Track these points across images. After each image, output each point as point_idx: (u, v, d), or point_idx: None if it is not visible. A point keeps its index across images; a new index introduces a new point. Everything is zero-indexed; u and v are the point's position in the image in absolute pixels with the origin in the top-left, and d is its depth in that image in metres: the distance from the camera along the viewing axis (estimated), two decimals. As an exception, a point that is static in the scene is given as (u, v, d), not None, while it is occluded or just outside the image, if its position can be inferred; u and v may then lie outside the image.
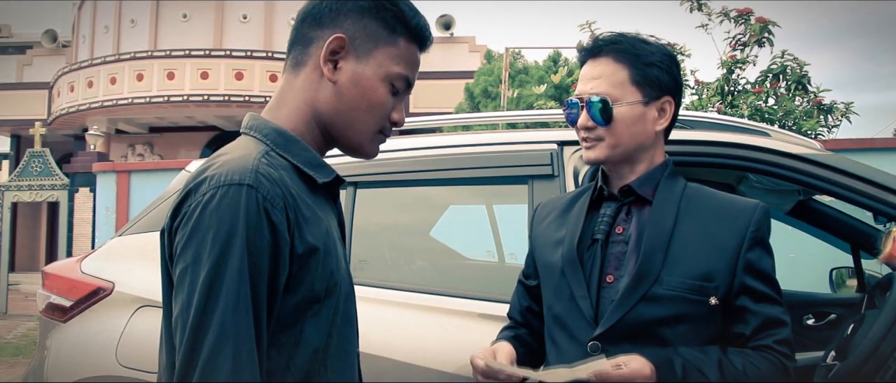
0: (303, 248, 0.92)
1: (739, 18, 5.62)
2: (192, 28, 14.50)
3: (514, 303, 1.52)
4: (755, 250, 1.26)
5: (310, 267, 0.93)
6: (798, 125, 5.30)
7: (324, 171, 1.03)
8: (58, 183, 10.11)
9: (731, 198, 1.34)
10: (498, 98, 10.30)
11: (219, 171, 0.90)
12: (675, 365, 1.18)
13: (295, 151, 1.00)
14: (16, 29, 20.41)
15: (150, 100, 13.81)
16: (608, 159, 1.34)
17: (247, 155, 0.93)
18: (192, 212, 0.89)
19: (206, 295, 0.85)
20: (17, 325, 8.93)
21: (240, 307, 0.85)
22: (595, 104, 1.31)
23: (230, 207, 0.86)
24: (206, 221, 0.87)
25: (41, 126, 11.39)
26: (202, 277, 0.85)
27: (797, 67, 5.50)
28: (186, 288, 0.87)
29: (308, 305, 0.94)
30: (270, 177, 0.91)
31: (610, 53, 1.33)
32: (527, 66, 11.03)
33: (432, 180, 2.08)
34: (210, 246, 0.86)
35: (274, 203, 0.89)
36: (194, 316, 0.85)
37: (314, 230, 0.95)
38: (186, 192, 0.91)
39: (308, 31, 1.03)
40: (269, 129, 1.01)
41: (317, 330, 0.95)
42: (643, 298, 1.23)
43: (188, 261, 0.87)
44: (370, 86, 1.02)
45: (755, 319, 1.25)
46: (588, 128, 1.33)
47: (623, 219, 1.33)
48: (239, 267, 0.85)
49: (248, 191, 0.88)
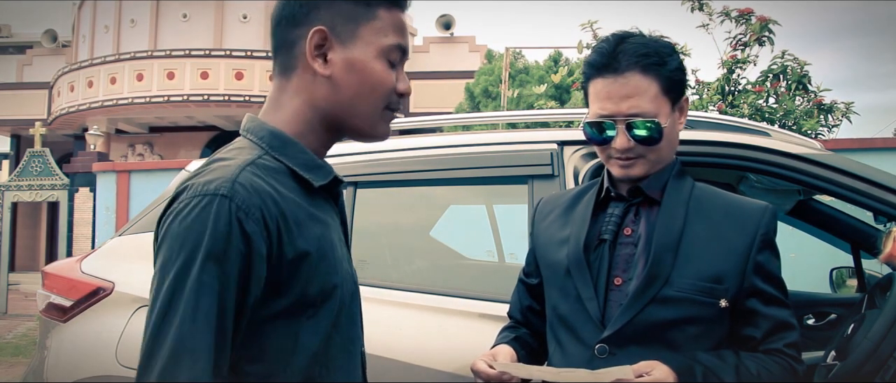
0: (293, 253, 0.92)
1: (740, 18, 5.62)
2: (192, 28, 14.50)
3: (514, 302, 1.50)
4: (764, 252, 1.26)
5: (301, 271, 0.93)
6: (798, 125, 5.30)
7: (320, 173, 1.01)
8: (58, 183, 10.10)
9: (739, 200, 1.33)
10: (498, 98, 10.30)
11: (200, 180, 0.91)
12: (697, 372, 1.17)
13: (291, 154, 0.99)
14: (16, 29, 20.42)
15: (150, 100, 13.81)
16: (648, 173, 1.30)
17: (233, 162, 0.93)
18: (167, 220, 0.90)
19: (167, 304, 0.86)
20: (17, 325, 8.93)
21: (198, 318, 0.85)
22: (640, 127, 1.25)
23: (199, 218, 0.87)
24: (176, 231, 0.88)
25: (41, 126, 11.38)
26: (166, 286, 0.86)
27: (797, 67, 5.50)
28: (152, 294, 0.88)
29: (302, 309, 0.94)
30: (251, 185, 0.90)
31: (637, 68, 1.25)
32: (527, 66, 11.03)
33: (432, 180, 2.08)
34: (177, 255, 0.87)
35: (248, 212, 0.88)
36: (154, 325, 0.86)
37: (306, 234, 0.94)
38: (170, 200, 0.92)
39: (286, 34, 1.01)
40: (265, 132, 1.00)
41: (314, 334, 0.95)
42: (653, 300, 1.22)
43: (157, 268, 0.89)
44: (366, 67, 1.00)
45: (766, 322, 1.25)
46: (628, 149, 1.27)
47: (631, 220, 1.31)
48: (199, 278, 0.85)
49: (220, 201, 0.87)
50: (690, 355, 1.20)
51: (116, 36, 14.91)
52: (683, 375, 1.16)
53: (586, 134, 1.33)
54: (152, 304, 0.87)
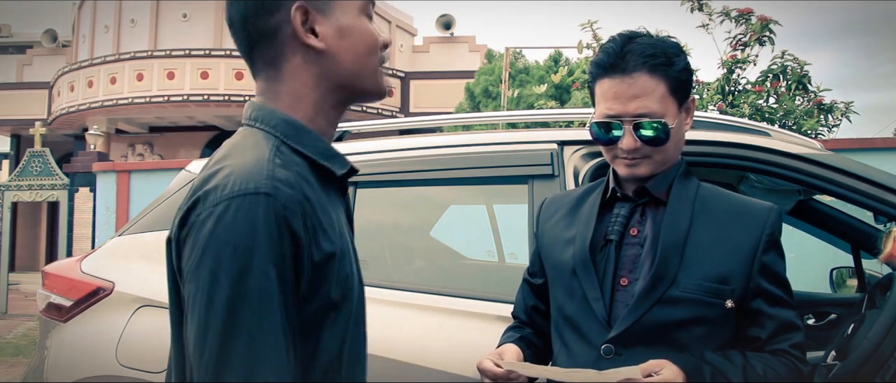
0: (320, 256, 0.86)
1: (740, 18, 5.62)
2: (192, 28, 14.49)
3: (518, 302, 1.50)
4: (770, 253, 1.26)
5: (327, 273, 0.87)
6: (798, 125, 5.30)
7: (338, 162, 0.96)
8: (58, 183, 10.10)
9: (745, 200, 1.33)
10: (498, 98, 10.30)
11: (230, 179, 0.82)
12: (705, 372, 1.18)
13: (307, 142, 0.93)
14: (16, 29, 20.40)
15: (150, 100, 13.80)
16: (654, 173, 1.30)
17: (260, 156, 0.86)
18: (202, 223, 0.81)
19: (226, 316, 0.78)
20: (17, 325, 8.93)
21: (265, 327, 0.78)
22: (647, 128, 1.25)
23: (247, 220, 0.80)
24: (221, 236, 0.79)
25: (41, 126, 11.38)
26: (223, 297, 0.78)
27: (797, 67, 5.50)
28: (201, 310, 0.79)
29: (325, 313, 0.88)
30: (288, 180, 0.84)
31: (645, 69, 1.25)
32: (527, 66, 11.03)
33: (432, 180, 2.08)
34: (228, 263, 0.79)
35: (293, 210, 0.82)
36: (218, 341, 0.78)
37: (331, 233, 0.88)
38: (194, 200, 0.84)
39: (260, 25, 0.95)
40: (278, 120, 0.93)
41: (333, 338, 0.90)
42: (660, 301, 1.22)
43: (203, 280, 0.80)
44: (356, 28, 0.97)
45: (771, 323, 1.25)
46: (635, 149, 1.27)
47: (637, 220, 1.31)
48: (261, 285, 0.79)
49: (265, 200, 0.81)
50: (699, 354, 1.21)
51: (116, 36, 14.91)
52: (692, 375, 1.16)
53: (593, 134, 1.33)
54: (204, 319, 0.79)
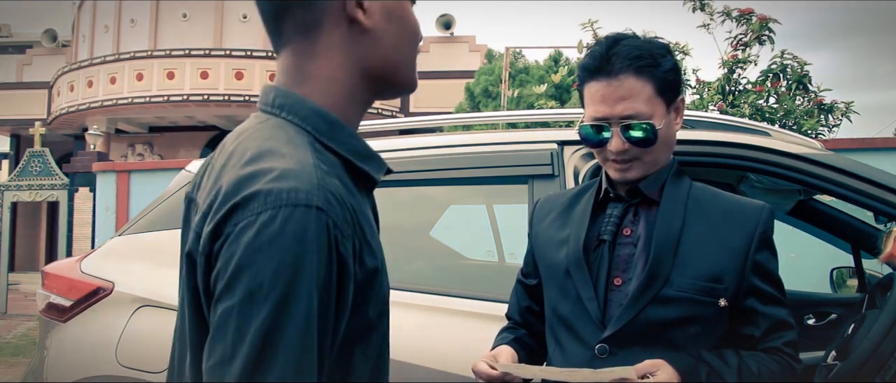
0: (363, 275, 0.77)
1: (741, 18, 5.63)
2: (192, 28, 14.50)
3: (512, 303, 1.50)
4: (763, 252, 1.26)
5: (368, 293, 0.78)
6: (799, 125, 5.30)
7: (376, 164, 0.86)
8: (58, 183, 10.11)
9: (737, 199, 1.34)
10: (498, 98, 10.30)
11: (275, 185, 0.71)
12: (701, 373, 1.18)
13: (341, 139, 0.82)
14: (16, 29, 20.40)
15: (150, 100, 13.81)
16: (645, 175, 1.30)
17: (303, 159, 0.75)
18: (240, 234, 0.70)
19: (259, 347, 0.67)
20: (17, 325, 8.93)
21: (304, 363, 0.68)
22: (634, 129, 1.25)
23: (296, 235, 0.69)
24: (265, 250, 0.69)
25: (41, 126, 11.39)
26: (257, 323, 0.68)
27: (798, 67, 5.51)
28: (231, 334, 0.68)
29: (360, 334, 0.80)
30: (337, 194, 0.74)
31: (631, 71, 1.25)
32: (527, 66, 11.02)
33: (432, 180, 2.08)
34: (269, 283, 0.68)
35: (343, 231, 0.73)
36: (241, 372, 0.67)
37: (374, 246, 0.80)
38: (231, 207, 0.72)
39: None
40: (309, 111, 0.81)
41: (365, 359, 0.81)
42: (653, 300, 1.23)
43: (236, 299, 0.69)
44: (403, 14, 0.87)
45: (765, 321, 1.25)
46: (624, 151, 1.27)
47: (630, 220, 1.31)
48: (306, 313, 0.69)
49: (317, 215, 0.70)
50: (694, 354, 1.21)
51: (116, 36, 14.91)
52: (688, 376, 1.16)
53: (582, 136, 1.34)
54: (235, 345, 0.68)
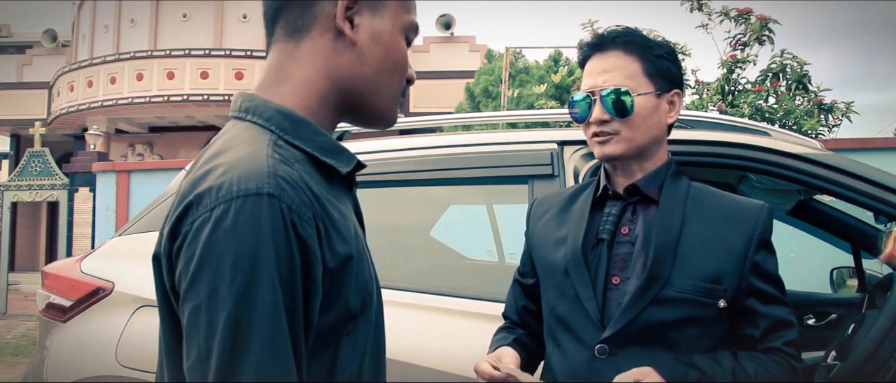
0: (335, 261, 0.77)
1: (740, 18, 5.63)
2: (192, 28, 14.50)
3: (510, 303, 1.50)
4: (761, 252, 1.26)
5: (344, 280, 0.78)
6: (798, 124, 5.31)
7: (343, 158, 0.86)
8: (58, 182, 10.11)
9: (735, 199, 1.34)
10: (498, 98, 10.30)
11: (225, 178, 0.72)
12: (691, 378, 1.17)
13: (305, 136, 0.83)
14: (16, 29, 20.40)
15: (150, 100, 13.81)
16: (624, 154, 1.30)
17: (255, 151, 0.76)
18: (197, 232, 0.71)
19: (231, 340, 0.68)
20: (17, 325, 8.93)
21: (278, 351, 0.69)
22: (611, 95, 1.27)
23: (250, 225, 0.70)
24: (221, 244, 0.69)
25: (41, 126, 11.39)
26: (224, 317, 0.68)
27: (797, 67, 5.51)
28: (202, 331, 0.69)
29: (343, 324, 0.80)
30: (291, 179, 0.75)
31: (619, 46, 1.30)
32: (527, 66, 11.03)
33: (432, 180, 2.08)
34: (230, 276, 0.69)
35: (301, 213, 0.73)
36: (219, 370, 0.68)
37: (345, 233, 0.79)
38: (186, 206, 0.73)
39: None
40: (272, 111, 0.83)
41: (354, 350, 0.82)
42: (653, 301, 1.22)
43: (201, 296, 0.70)
44: (392, 42, 0.88)
45: (764, 321, 1.25)
46: (602, 122, 1.29)
47: (628, 219, 1.31)
48: (271, 300, 0.69)
49: (269, 201, 0.71)
50: (687, 359, 1.20)
51: (116, 36, 14.91)
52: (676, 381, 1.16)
53: (570, 110, 1.37)
54: (207, 342, 0.69)
